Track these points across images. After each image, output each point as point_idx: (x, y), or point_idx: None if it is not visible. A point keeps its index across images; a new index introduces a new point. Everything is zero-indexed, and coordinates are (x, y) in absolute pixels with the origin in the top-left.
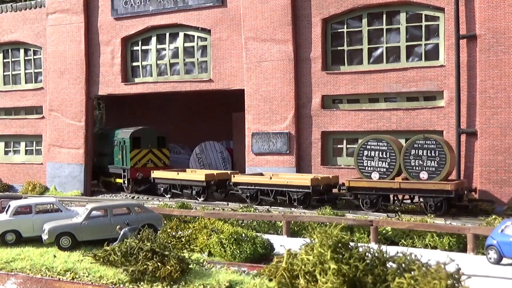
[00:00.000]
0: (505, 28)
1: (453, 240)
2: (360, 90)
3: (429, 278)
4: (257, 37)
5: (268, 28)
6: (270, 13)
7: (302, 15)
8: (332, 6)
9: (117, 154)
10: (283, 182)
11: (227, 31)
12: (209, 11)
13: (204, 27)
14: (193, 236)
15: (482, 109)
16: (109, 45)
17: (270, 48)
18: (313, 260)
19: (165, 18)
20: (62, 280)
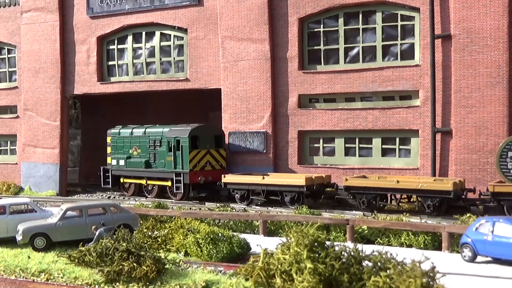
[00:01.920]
0: (479, 28)
1: (428, 238)
2: (336, 90)
3: (404, 277)
4: (234, 36)
5: (244, 27)
6: (246, 12)
7: (278, 15)
8: (309, 5)
9: (163, 156)
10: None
11: (203, 30)
12: (186, 10)
13: (180, 26)
14: (169, 236)
15: (457, 108)
16: (84, 44)
17: (246, 47)
18: (289, 260)
19: (141, 17)
20: (37, 281)
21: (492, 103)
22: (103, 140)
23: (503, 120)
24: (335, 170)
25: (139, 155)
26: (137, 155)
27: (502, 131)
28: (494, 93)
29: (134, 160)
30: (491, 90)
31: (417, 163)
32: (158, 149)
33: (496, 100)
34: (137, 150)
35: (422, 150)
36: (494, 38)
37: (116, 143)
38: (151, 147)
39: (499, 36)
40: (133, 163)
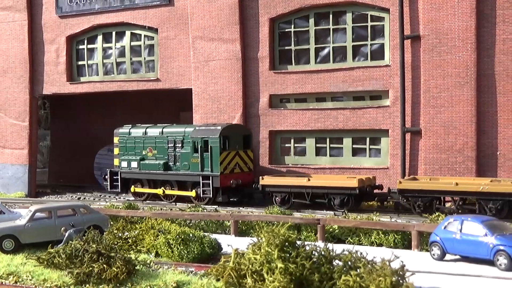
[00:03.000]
0: (447, 29)
1: (398, 237)
2: (307, 90)
3: (374, 275)
4: (205, 36)
5: (215, 27)
6: (217, 12)
7: (249, 15)
8: (280, 5)
9: (187, 158)
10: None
11: (174, 30)
12: (156, 10)
13: (151, 26)
14: (140, 237)
15: (426, 108)
16: (53, 43)
17: (217, 47)
18: (260, 260)
19: (111, 17)
20: (5, 283)
21: (461, 103)
22: (73, 141)
23: (471, 120)
24: (306, 170)
25: (154, 156)
26: (152, 157)
27: (470, 131)
28: (462, 93)
29: (149, 162)
30: (459, 90)
31: (387, 162)
32: (179, 150)
33: (464, 100)
34: (152, 151)
35: (392, 149)
36: (462, 39)
37: (125, 144)
38: (170, 148)
39: (467, 37)
40: (148, 165)
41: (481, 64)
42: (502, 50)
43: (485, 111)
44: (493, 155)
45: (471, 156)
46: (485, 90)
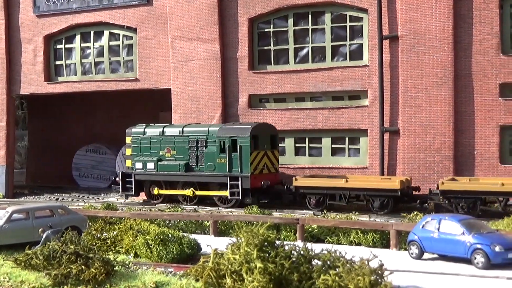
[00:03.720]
0: (425, 30)
1: (377, 236)
2: (286, 90)
3: (353, 275)
4: (184, 36)
5: (194, 27)
6: (196, 12)
7: (228, 15)
8: (259, 6)
9: (212, 158)
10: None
11: (153, 29)
12: (135, 10)
13: (129, 25)
14: (118, 238)
15: (404, 108)
16: (31, 43)
17: (196, 47)
18: (239, 260)
19: (90, 16)
20: None
21: (438, 103)
22: (51, 141)
23: (449, 119)
24: (286, 170)
25: (173, 157)
26: (171, 157)
27: (448, 130)
28: (440, 93)
29: (168, 163)
30: (437, 90)
31: (366, 162)
32: (203, 150)
33: (442, 100)
34: (171, 151)
35: (371, 149)
36: (440, 39)
37: (139, 144)
38: (191, 148)
39: (444, 37)
40: (167, 166)
41: (459, 64)
42: (479, 50)
43: (463, 110)
44: (470, 155)
45: (449, 155)
46: (463, 90)
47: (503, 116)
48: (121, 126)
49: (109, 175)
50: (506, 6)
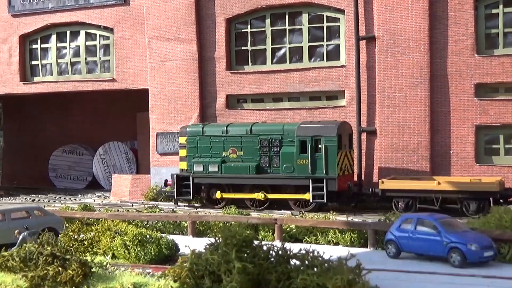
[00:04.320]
0: (401, 30)
1: (354, 236)
2: (264, 90)
3: (331, 274)
4: (161, 36)
5: (172, 27)
6: (173, 12)
7: (206, 15)
8: (236, 6)
9: (290, 159)
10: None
11: (130, 30)
12: (111, 10)
13: (106, 25)
14: (96, 239)
15: (381, 108)
16: (6, 42)
17: (174, 48)
18: (218, 260)
19: (66, 16)
20: None
21: (415, 103)
22: (27, 142)
23: (425, 119)
24: None
25: (240, 158)
26: (237, 158)
27: (424, 130)
28: (416, 93)
29: (235, 164)
30: (413, 90)
31: None
32: (277, 150)
33: (418, 100)
34: (237, 152)
35: None
36: (416, 40)
37: (197, 145)
38: (263, 149)
39: (420, 38)
40: (234, 168)
41: (434, 64)
42: (454, 51)
43: (439, 111)
44: (446, 154)
45: (425, 155)
46: (438, 90)
47: (478, 116)
48: (98, 127)
49: (86, 176)
50: (480, 8)
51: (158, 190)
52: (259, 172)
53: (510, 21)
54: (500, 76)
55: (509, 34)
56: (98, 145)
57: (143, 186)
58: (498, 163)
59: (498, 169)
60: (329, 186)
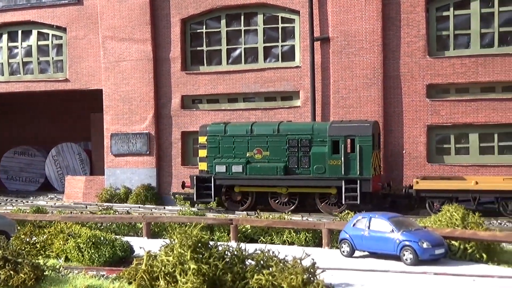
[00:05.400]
0: (355, 32)
1: (309, 235)
2: (219, 90)
3: (286, 274)
4: (115, 36)
5: (126, 27)
6: (128, 12)
7: (161, 15)
8: (191, 6)
9: (321, 159)
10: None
11: (83, 29)
12: (64, 9)
13: (59, 25)
14: (48, 242)
15: (336, 108)
16: None
17: (128, 48)
18: (173, 261)
19: (17, 15)
20: None
21: (368, 104)
22: None
23: (379, 119)
24: None
25: (266, 158)
26: (263, 159)
27: None
28: (370, 94)
29: (261, 165)
30: (367, 91)
31: None
32: (307, 150)
33: (372, 101)
34: (263, 152)
35: None
36: (369, 41)
37: (219, 144)
38: (291, 148)
39: (373, 39)
40: (260, 168)
41: (387, 65)
42: (407, 52)
43: (391, 111)
44: (399, 154)
45: None
46: (391, 91)
47: (430, 116)
48: (51, 128)
49: (38, 178)
50: (432, 10)
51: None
52: (287, 173)
53: (460, 23)
54: (451, 77)
55: (460, 36)
56: (51, 146)
57: (97, 187)
58: (449, 162)
59: (449, 168)
60: (363, 187)
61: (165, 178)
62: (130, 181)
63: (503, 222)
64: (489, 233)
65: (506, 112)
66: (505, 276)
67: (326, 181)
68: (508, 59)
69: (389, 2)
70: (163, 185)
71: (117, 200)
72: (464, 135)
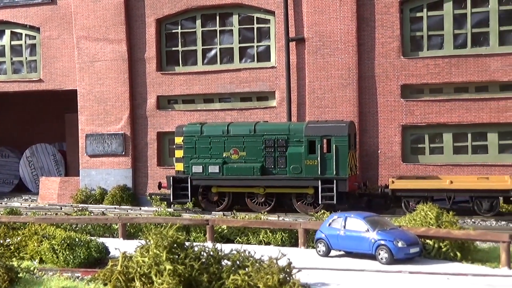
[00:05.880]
0: (330, 32)
1: (285, 235)
2: (195, 91)
3: (262, 274)
4: (90, 36)
5: (101, 27)
6: (102, 12)
7: (136, 15)
8: (166, 6)
9: (297, 159)
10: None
11: (57, 29)
12: (38, 9)
13: (32, 25)
14: (22, 243)
15: (311, 108)
16: None
17: (103, 48)
18: (148, 262)
19: None
20: None
21: (344, 104)
22: None
23: (354, 119)
24: None
25: (243, 159)
26: (240, 159)
27: None
28: (345, 94)
29: (237, 165)
30: (342, 91)
31: None
32: (284, 151)
33: (347, 101)
34: (239, 152)
35: None
36: (344, 42)
37: (195, 145)
38: (268, 149)
39: (348, 40)
40: (236, 169)
41: (362, 66)
42: (381, 53)
43: (366, 111)
44: (374, 154)
45: None
46: (366, 91)
47: (405, 116)
48: (25, 128)
49: (12, 179)
50: (406, 11)
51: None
52: (264, 173)
53: (434, 24)
54: (425, 78)
55: (433, 37)
56: (25, 147)
57: (72, 188)
58: (423, 161)
59: (423, 168)
60: (340, 187)
61: (141, 179)
62: (106, 182)
63: (477, 221)
64: (463, 232)
65: (479, 112)
66: (478, 274)
67: (303, 181)
68: (481, 60)
69: (364, 3)
70: (139, 186)
71: (92, 201)
72: (438, 135)
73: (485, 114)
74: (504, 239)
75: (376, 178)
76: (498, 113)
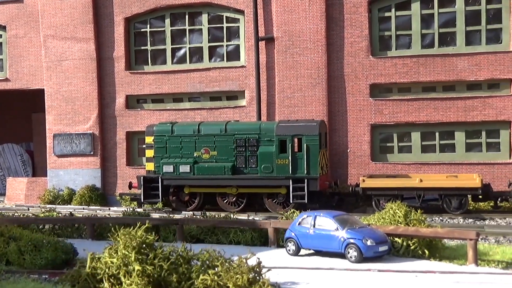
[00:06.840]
0: (299, 31)
1: (255, 234)
2: (164, 90)
3: (232, 273)
4: (57, 35)
5: (68, 26)
6: (70, 10)
7: (104, 14)
8: (135, 5)
9: (268, 159)
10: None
11: (24, 28)
12: (4, 7)
13: None
14: None
15: (281, 108)
16: None
17: (71, 47)
18: (117, 263)
19: None
20: None
21: (313, 103)
22: None
23: (324, 119)
24: None
25: (214, 158)
26: (211, 159)
27: None
28: (315, 93)
29: (208, 165)
30: (311, 90)
31: None
32: (255, 150)
33: (317, 100)
34: (210, 152)
35: None
36: (314, 41)
37: (166, 144)
38: (239, 148)
39: (317, 39)
40: (208, 169)
41: (331, 65)
42: (350, 52)
43: (336, 110)
44: (344, 153)
45: None
46: (336, 90)
47: (373, 116)
48: None
49: None
50: (374, 10)
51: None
52: (235, 172)
53: (402, 24)
54: (393, 77)
55: (401, 37)
56: None
57: (40, 189)
58: (392, 160)
59: (392, 167)
60: (311, 186)
61: (110, 179)
62: (74, 182)
63: (445, 219)
64: (431, 230)
65: (447, 111)
66: (446, 272)
67: (274, 180)
68: (448, 59)
69: (333, 3)
70: (108, 186)
71: (60, 201)
72: (407, 133)
73: (453, 113)
74: (471, 237)
75: (346, 177)
76: (465, 112)
